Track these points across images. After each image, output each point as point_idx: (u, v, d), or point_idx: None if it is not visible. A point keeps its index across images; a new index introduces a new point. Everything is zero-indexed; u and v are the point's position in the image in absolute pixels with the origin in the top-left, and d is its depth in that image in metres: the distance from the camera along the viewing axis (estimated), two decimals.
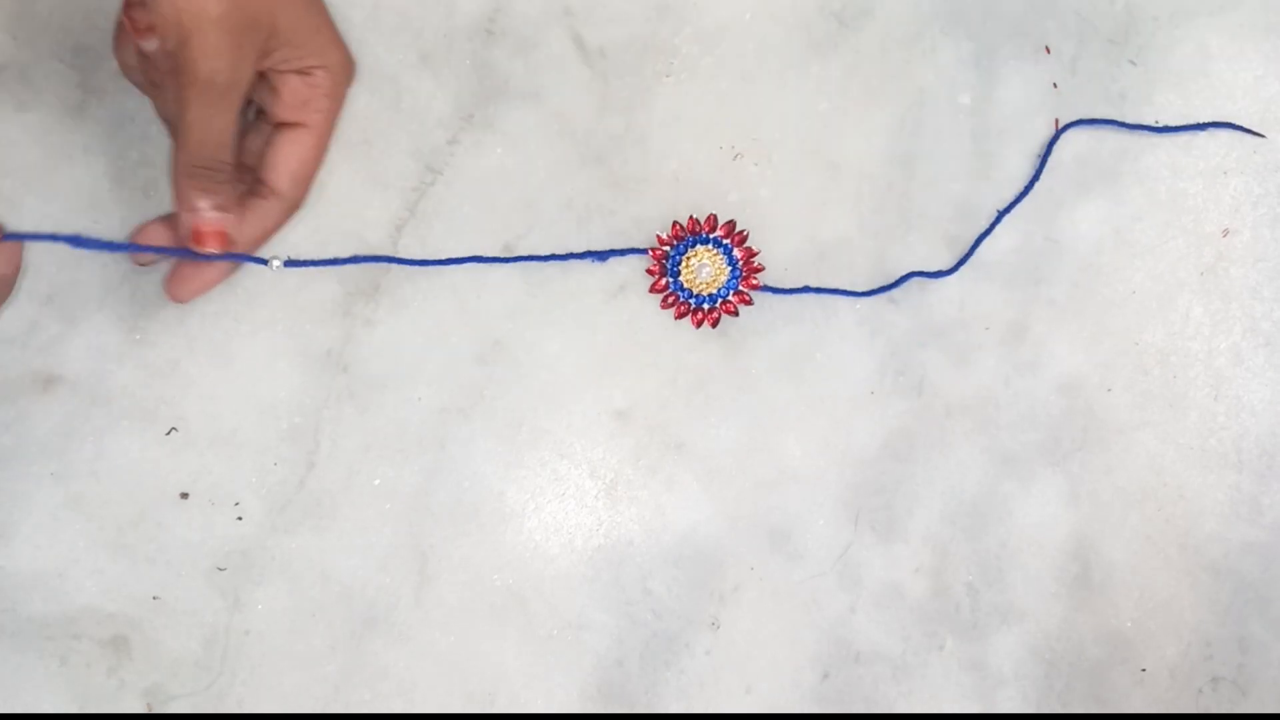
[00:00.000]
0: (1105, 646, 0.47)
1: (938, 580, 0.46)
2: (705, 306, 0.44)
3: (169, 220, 0.38)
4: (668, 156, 0.45)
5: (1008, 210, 0.46)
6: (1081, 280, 0.47)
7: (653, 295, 0.44)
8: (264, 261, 0.40)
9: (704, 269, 0.43)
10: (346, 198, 0.43)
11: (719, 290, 0.44)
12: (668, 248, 0.44)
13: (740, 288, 0.44)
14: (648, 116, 0.45)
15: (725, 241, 0.44)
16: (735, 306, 0.44)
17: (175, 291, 0.39)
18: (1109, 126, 0.47)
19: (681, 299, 0.44)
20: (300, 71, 0.38)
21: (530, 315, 0.44)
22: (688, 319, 0.44)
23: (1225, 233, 0.48)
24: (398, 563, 0.43)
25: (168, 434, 0.42)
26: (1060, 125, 0.46)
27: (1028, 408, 0.47)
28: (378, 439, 0.43)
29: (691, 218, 0.44)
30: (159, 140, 0.42)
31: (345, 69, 0.39)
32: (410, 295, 0.43)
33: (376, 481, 0.43)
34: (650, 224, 0.45)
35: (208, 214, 0.37)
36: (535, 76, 0.44)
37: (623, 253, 0.43)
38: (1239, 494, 0.48)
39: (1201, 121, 0.47)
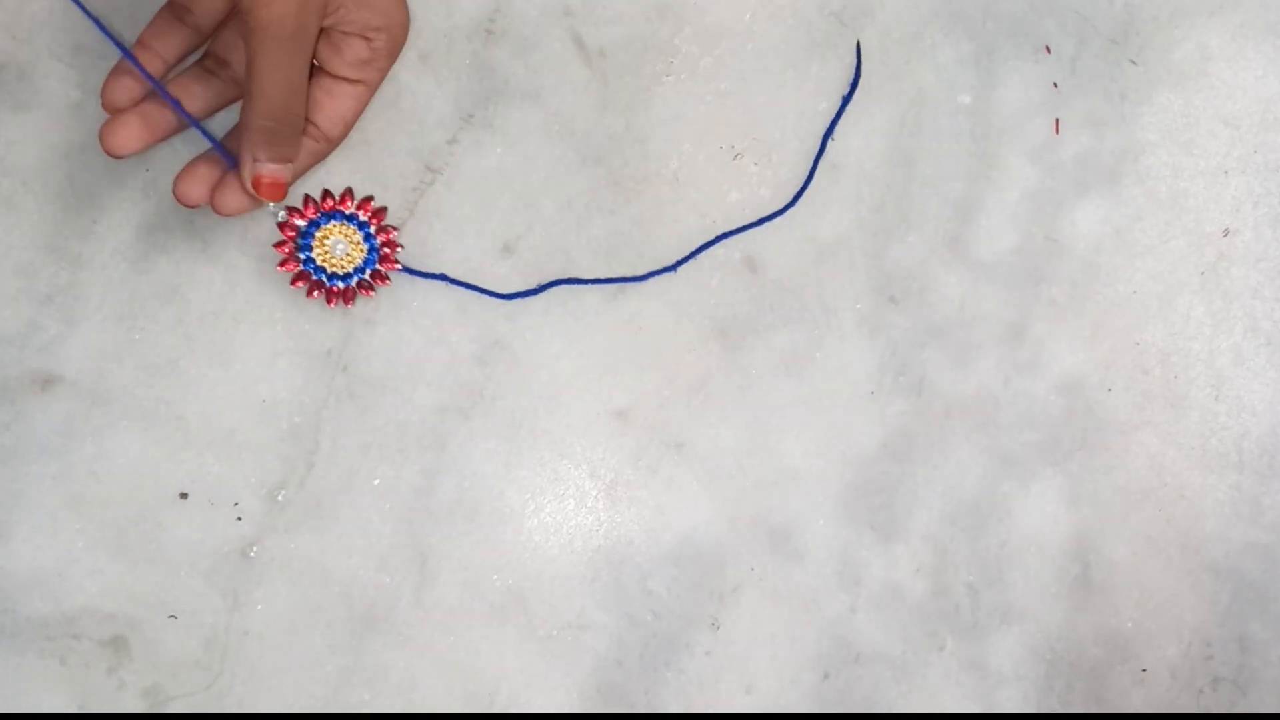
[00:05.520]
0: (1106, 646, 0.47)
1: (938, 580, 0.46)
2: (339, 285, 0.42)
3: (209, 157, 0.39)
4: (668, 156, 0.45)
5: (718, 239, 0.45)
6: (1082, 280, 0.47)
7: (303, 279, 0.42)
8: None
9: (338, 246, 0.41)
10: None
11: (355, 269, 0.42)
12: (300, 222, 0.41)
13: (378, 267, 0.42)
14: (648, 116, 0.45)
15: (363, 219, 0.42)
16: (372, 285, 0.42)
17: (220, 202, 0.38)
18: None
19: (314, 276, 0.41)
20: (363, 35, 0.38)
21: (530, 315, 0.44)
22: (321, 298, 0.42)
23: (1226, 232, 0.48)
24: (398, 563, 0.43)
25: (167, 434, 0.42)
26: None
27: (1028, 408, 0.47)
28: (378, 439, 0.43)
29: (325, 190, 0.41)
30: None
31: (405, 28, 0.40)
32: (410, 295, 0.43)
33: (376, 481, 0.43)
34: (650, 224, 0.45)
35: (268, 166, 0.37)
36: (535, 76, 0.44)
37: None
38: (1240, 494, 0.48)
39: None
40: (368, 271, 0.42)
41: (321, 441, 0.43)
